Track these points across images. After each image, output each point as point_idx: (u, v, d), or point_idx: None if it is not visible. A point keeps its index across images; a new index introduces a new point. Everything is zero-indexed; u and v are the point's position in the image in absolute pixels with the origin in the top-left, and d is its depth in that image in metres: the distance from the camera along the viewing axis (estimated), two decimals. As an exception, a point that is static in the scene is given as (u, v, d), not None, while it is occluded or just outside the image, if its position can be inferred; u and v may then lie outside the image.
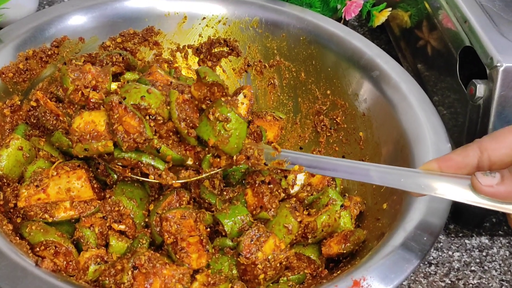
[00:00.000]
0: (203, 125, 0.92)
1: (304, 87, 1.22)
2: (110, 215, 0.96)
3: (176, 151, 0.92)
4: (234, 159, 0.93)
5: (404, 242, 0.85)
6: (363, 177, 0.86)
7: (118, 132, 0.89)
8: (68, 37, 1.17)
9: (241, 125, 0.92)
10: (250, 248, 0.91)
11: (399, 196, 0.95)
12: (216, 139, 0.91)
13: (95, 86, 0.97)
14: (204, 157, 0.93)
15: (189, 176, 0.94)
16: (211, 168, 0.94)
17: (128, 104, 0.89)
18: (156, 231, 0.95)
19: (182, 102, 0.92)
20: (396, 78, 1.09)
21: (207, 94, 0.93)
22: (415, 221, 0.88)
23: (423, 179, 0.80)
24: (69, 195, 0.95)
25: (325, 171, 0.91)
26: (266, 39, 1.24)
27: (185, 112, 0.92)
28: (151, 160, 0.92)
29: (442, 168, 0.80)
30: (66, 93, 0.97)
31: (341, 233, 0.97)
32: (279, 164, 0.94)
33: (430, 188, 0.79)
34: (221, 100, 0.91)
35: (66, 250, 0.91)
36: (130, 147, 0.90)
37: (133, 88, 0.92)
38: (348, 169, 0.88)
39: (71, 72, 0.96)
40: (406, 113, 1.04)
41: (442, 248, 1.10)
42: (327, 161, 0.91)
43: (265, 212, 0.96)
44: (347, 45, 1.16)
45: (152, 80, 1.04)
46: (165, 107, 0.92)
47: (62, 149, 1.02)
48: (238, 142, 0.92)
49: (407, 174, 0.82)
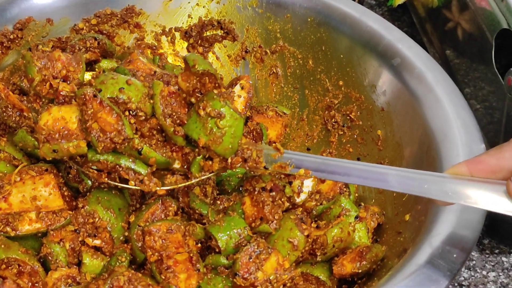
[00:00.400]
0: (192, 122, 0.91)
1: (312, 77, 1.22)
2: (83, 228, 0.96)
3: (161, 152, 0.92)
4: (228, 162, 0.93)
5: (430, 260, 0.85)
6: (380, 182, 0.86)
7: (92, 131, 0.89)
8: (34, 18, 1.16)
9: (237, 121, 0.91)
10: (249, 267, 0.90)
11: (424, 206, 0.95)
12: (208, 139, 0.91)
13: (66, 76, 0.97)
14: (194, 159, 0.93)
15: (176, 182, 0.94)
16: (201, 173, 0.94)
17: (104, 97, 0.89)
18: (137, 247, 0.95)
19: (167, 95, 0.92)
20: (420, 66, 1.09)
21: (197, 86, 0.93)
22: (443, 235, 0.88)
23: (451, 185, 0.80)
24: (35, 205, 0.95)
25: (335, 176, 0.91)
26: (267, 20, 1.24)
27: (171, 106, 0.92)
28: (131, 164, 0.92)
29: (473, 172, 0.80)
30: (31, 85, 0.96)
31: (355, 250, 0.97)
32: (281, 167, 0.94)
33: (459, 195, 0.79)
34: (213, 93, 0.91)
35: (32, 270, 0.91)
36: (107, 148, 0.89)
37: (110, 78, 0.92)
38: (362, 173, 0.88)
39: (37, 60, 0.96)
40: (432, 108, 1.04)
41: (475, 267, 1.10)
42: (338, 164, 0.91)
43: (266, 224, 0.96)
44: (363, 28, 1.16)
45: (132, 70, 1.04)
46: (148, 101, 0.92)
47: (27, 150, 1.02)
48: (233, 142, 0.92)
49: (432, 179, 0.82)
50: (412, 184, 0.83)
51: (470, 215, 0.89)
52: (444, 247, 0.86)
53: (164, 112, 0.91)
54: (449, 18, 1.29)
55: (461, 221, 0.89)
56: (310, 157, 0.94)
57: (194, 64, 0.92)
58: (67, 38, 1.17)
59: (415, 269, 0.84)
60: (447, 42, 1.30)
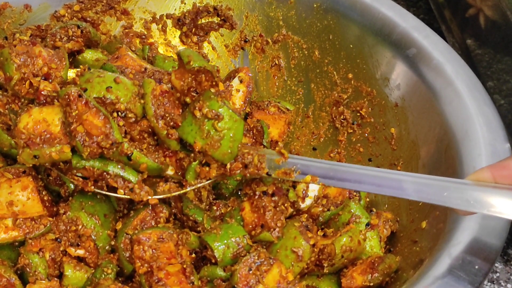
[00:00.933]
0: (187, 124, 0.92)
1: (319, 69, 1.22)
2: (65, 236, 0.96)
3: (153, 157, 0.93)
4: (227, 168, 0.93)
5: (450, 272, 0.85)
6: (395, 190, 0.86)
7: (77, 134, 0.89)
8: (10, 4, 1.16)
9: (237, 123, 0.92)
10: (248, 280, 0.90)
11: (442, 212, 0.95)
12: (204, 142, 0.91)
13: (47, 74, 0.97)
14: (189, 165, 0.94)
15: (170, 191, 0.95)
16: (197, 180, 0.94)
17: (90, 97, 0.89)
18: (125, 257, 0.95)
19: (159, 94, 0.93)
20: (438, 57, 1.09)
21: (192, 84, 0.93)
22: (463, 244, 0.88)
23: (473, 193, 0.80)
24: (11, 211, 0.95)
25: (345, 183, 0.91)
26: (268, 6, 1.24)
27: (164, 107, 0.92)
28: (120, 170, 0.92)
29: (497, 178, 0.80)
30: (9, 84, 0.96)
31: (366, 260, 0.97)
32: (285, 174, 0.94)
33: (482, 204, 0.80)
34: (211, 92, 0.91)
35: (8, 283, 0.91)
36: (93, 153, 0.89)
37: (96, 76, 0.92)
38: (375, 181, 0.88)
39: (15, 57, 0.96)
40: (451, 103, 1.04)
41: (498, 280, 1.10)
42: (348, 170, 0.91)
43: (268, 232, 0.96)
44: (375, 15, 1.16)
45: (120, 66, 1.05)
46: (138, 101, 0.92)
47: (3, 150, 1.02)
48: (233, 146, 0.92)
49: (453, 186, 0.82)
50: (430, 192, 0.84)
51: (494, 222, 0.89)
52: (465, 257, 0.86)
53: (156, 113, 0.92)
54: (470, 4, 1.29)
55: (484, 228, 0.89)
56: (317, 162, 0.95)
57: (189, 61, 0.92)
58: (47, 26, 1.17)
59: (432, 282, 0.84)
60: (468, 31, 1.30)
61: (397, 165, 1.10)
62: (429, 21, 1.40)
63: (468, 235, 0.89)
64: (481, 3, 1.25)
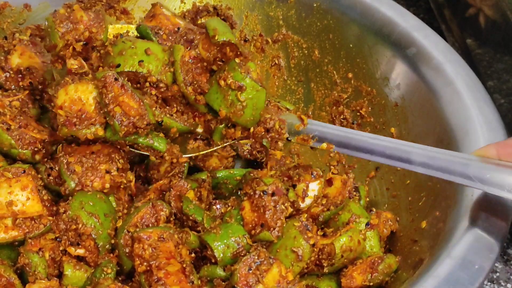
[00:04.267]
0: (213, 92, 0.98)
1: (319, 68, 1.22)
2: (65, 235, 0.96)
3: (182, 120, 0.99)
4: (250, 131, 1.00)
5: (450, 272, 0.85)
6: (403, 163, 0.90)
7: (115, 115, 0.94)
8: (10, 4, 1.16)
9: (259, 93, 0.97)
10: (248, 280, 0.90)
11: (442, 212, 0.95)
12: (228, 111, 0.98)
13: (89, 38, 1.02)
14: (216, 127, 1.01)
15: (199, 148, 1.03)
16: (224, 140, 1.02)
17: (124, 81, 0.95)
18: (124, 253, 0.95)
19: (189, 60, 0.99)
20: (438, 57, 1.09)
21: (218, 55, 0.99)
22: (463, 243, 0.88)
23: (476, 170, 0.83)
24: (11, 210, 0.95)
25: (358, 153, 0.96)
26: (268, 6, 1.24)
27: (192, 74, 0.99)
28: (149, 140, 0.98)
29: (502, 155, 0.81)
30: (54, 51, 1.02)
31: (366, 260, 0.97)
32: (303, 140, 0.99)
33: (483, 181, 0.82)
34: (235, 63, 0.97)
35: (7, 282, 0.91)
36: (128, 132, 0.95)
37: (129, 48, 0.97)
38: (386, 151, 0.92)
39: (59, 25, 1.01)
40: (451, 103, 1.04)
41: (498, 280, 1.10)
42: (361, 138, 0.95)
43: (268, 232, 0.96)
44: (375, 14, 1.16)
45: (154, 27, 1.08)
46: (169, 70, 0.98)
47: (2, 150, 1.02)
48: (255, 114, 0.99)
49: (457, 161, 0.85)
50: (435, 167, 0.87)
51: (494, 222, 0.89)
52: (465, 257, 0.86)
53: (185, 80, 0.98)
54: (470, 4, 1.29)
55: (484, 228, 0.89)
56: (334, 129, 1.00)
57: (214, 35, 0.97)
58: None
59: (432, 282, 0.84)
60: (468, 30, 1.30)
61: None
62: (429, 21, 1.39)
63: (468, 234, 0.89)
64: (481, 3, 1.25)
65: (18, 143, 1.01)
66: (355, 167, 1.17)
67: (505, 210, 0.90)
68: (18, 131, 1.01)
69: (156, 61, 0.98)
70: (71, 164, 0.99)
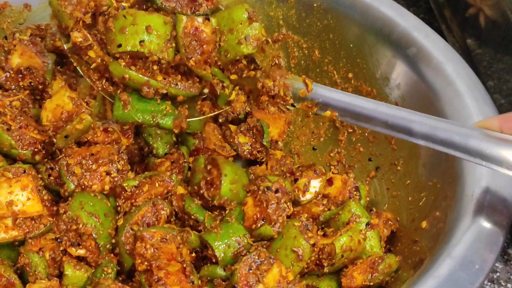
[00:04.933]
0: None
1: (319, 68, 1.22)
2: (65, 236, 0.96)
3: (188, 86, 1.03)
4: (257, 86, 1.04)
5: (450, 272, 0.85)
6: (404, 134, 0.90)
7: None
8: (10, 4, 1.16)
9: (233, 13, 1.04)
10: (248, 279, 0.90)
11: (442, 212, 0.95)
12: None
13: (96, 7, 1.02)
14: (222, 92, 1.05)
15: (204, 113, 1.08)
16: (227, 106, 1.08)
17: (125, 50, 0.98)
18: (125, 251, 0.95)
19: (190, 31, 1.00)
20: (438, 57, 1.09)
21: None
22: (463, 243, 0.88)
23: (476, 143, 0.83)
24: (11, 210, 0.95)
25: (360, 122, 0.96)
26: (268, 6, 1.24)
27: (193, 47, 1.00)
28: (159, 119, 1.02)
29: (504, 128, 0.81)
30: (65, 32, 1.03)
31: (367, 260, 0.97)
32: (307, 107, 1.01)
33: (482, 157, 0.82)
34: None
35: (7, 282, 0.91)
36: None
37: (130, 24, 0.98)
38: (387, 119, 0.92)
39: (65, 5, 1.01)
40: (451, 103, 1.04)
41: (499, 280, 1.10)
42: (364, 105, 0.95)
43: (269, 226, 0.96)
44: (375, 14, 1.16)
45: None
46: (170, 45, 0.99)
47: (3, 150, 1.01)
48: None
49: (459, 132, 0.85)
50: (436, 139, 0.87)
51: (493, 222, 0.89)
52: (466, 257, 0.86)
53: (187, 53, 1.00)
54: (470, 4, 1.29)
55: (483, 228, 0.89)
56: (339, 93, 1.00)
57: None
58: (47, 25, 1.17)
59: (432, 282, 0.84)
60: (468, 30, 1.30)
61: (397, 165, 1.10)
62: (429, 21, 1.39)
63: (468, 234, 0.89)
64: (481, 3, 1.25)
65: (18, 143, 1.01)
66: (355, 167, 1.17)
67: (505, 210, 0.90)
68: (19, 131, 1.01)
69: (157, 39, 0.98)
70: (71, 166, 0.99)
